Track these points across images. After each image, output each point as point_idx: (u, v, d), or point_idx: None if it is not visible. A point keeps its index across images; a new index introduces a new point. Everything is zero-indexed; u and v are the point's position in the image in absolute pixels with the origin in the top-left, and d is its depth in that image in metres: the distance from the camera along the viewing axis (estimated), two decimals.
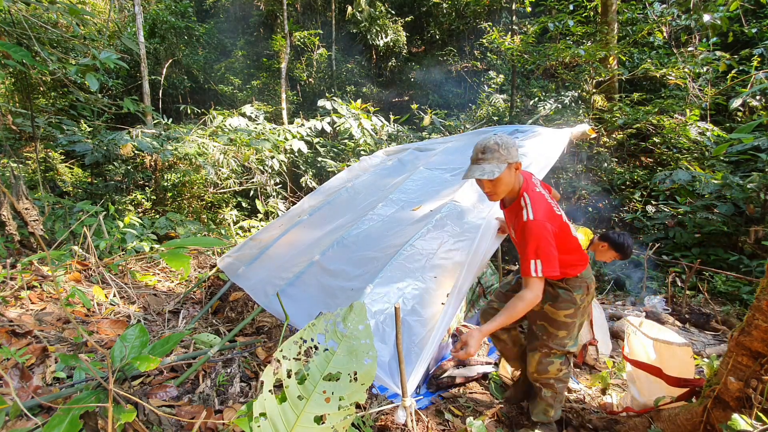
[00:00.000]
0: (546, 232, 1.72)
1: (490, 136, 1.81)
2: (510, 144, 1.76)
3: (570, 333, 1.95)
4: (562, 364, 1.97)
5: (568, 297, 1.92)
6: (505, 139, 1.77)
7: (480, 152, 1.78)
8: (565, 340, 1.95)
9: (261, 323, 2.92)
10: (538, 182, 2.00)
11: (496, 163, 1.74)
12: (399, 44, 13.91)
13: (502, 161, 1.74)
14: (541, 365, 1.98)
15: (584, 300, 1.96)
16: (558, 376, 1.98)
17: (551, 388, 2.01)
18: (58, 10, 3.30)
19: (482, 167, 1.76)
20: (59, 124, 6.12)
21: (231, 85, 13.65)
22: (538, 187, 1.92)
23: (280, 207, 7.44)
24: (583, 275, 1.95)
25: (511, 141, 1.77)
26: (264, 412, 1.12)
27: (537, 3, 8.77)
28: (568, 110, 7.82)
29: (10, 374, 1.77)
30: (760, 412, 1.46)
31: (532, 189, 1.85)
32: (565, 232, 1.88)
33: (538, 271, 1.69)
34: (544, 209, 1.79)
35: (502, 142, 1.75)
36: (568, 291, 1.92)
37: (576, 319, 1.95)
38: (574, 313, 1.93)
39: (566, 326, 1.94)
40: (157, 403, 1.85)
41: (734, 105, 4.59)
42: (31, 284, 2.98)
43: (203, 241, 2.32)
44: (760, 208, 5.02)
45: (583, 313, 1.99)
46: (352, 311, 1.28)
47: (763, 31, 7.15)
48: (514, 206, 1.88)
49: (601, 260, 3.17)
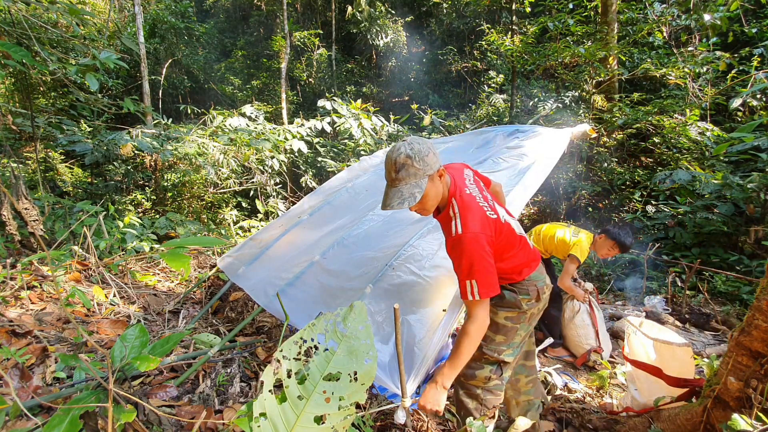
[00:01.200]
0: (478, 246, 1.48)
1: (400, 146, 1.51)
2: (424, 152, 1.49)
3: (509, 339, 1.71)
4: (492, 372, 1.70)
5: (512, 299, 1.71)
6: (417, 148, 1.49)
7: (393, 171, 1.51)
8: (502, 347, 1.70)
9: (261, 323, 2.92)
10: (469, 176, 1.73)
11: (414, 181, 1.49)
12: (399, 44, 13.91)
13: (420, 176, 1.49)
14: (469, 369, 1.72)
15: (532, 307, 1.72)
16: (486, 385, 1.71)
17: (476, 398, 1.73)
18: (58, 10, 3.29)
19: (400, 191, 1.50)
20: (59, 124, 6.12)
21: (231, 85, 13.66)
22: (468, 187, 1.65)
23: (280, 207, 7.44)
24: (532, 278, 1.72)
25: (425, 148, 1.50)
26: (264, 412, 1.12)
27: (537, 3, 8.76)
28: (568, 110, 7.82)
29: (10, 374, 1.77)
30: (760, 412, 1.46)
31: (460, 192, 1.60)
32: (506, 234, 1.64)
33: (474, 293, 1.47)
34: (474, 216, 1.53)
35: (414, 153, 1.48)
36: (513, 293, 1.72)
37: (518, 324, 1.71)
38: (516, 317, 1.71)
39: (505, 330, 1.71)
40: (157, 403, 1.85)
41: (734, 105, 4.59)
42: (31, 284, 2.98)
43: (203, 241, 2.32)
44: (760, 208, 5.02)
45: (529, 322, 1.75)
46: (352, 311, 1.28)
47: (763, 31, 7.15)
48: (444, 215, 1.64)
49: (601, 255, 3.14)
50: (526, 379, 1.96)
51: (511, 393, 1.97)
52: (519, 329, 1.72)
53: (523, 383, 1.96)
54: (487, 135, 3.43)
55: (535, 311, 1.76)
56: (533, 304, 1.72)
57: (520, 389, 1.96)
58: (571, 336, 3.26)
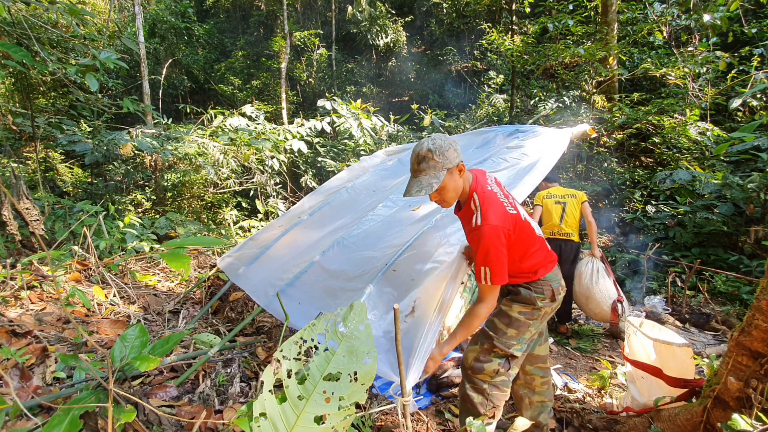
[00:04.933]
0: (495, 238, 1.58)
1: (424, 141, 1.66)
2: (445, 147, 1.62)
3: (520, 334, 1.75)
4: (501, 366, 1.74)
5: (528, 296, 1.77)
6: (439, 143, 1.62)
7: (416, 163, 1.65)
8: (512, 341, 1.74)
9: (261, 323, 2.92)
10: (491, 178, 1.83)
11: (433, 173, 1.62)
12: (399, 44, 13.92)
13: (439, 169, 1.62)
14: (478, 362, 1.77)
15: (546, 306, 1.78)
16: (493, 380, 1.74)
17: (482, 393, 1.75)
18: (58, 10, 3.30)
19: (419, 181, 1.63)
20: (59, 124, 6.12)
21: (231, 85, 13.66)
22: (489, 185, 1.75)
23: (280, 207, 7.44)
24: (548, 278, 1.79)
25: (446, 143, 1.63)
26: (264, 412, 1.12)
27: (537, 3, 8.76)
28: (569, 110, 7.82)
29: (10, 374, 1.77)
30: (760, 412, 1.46)
31: (482, 188, 1.70)
32: (526, 231, 1.72)
33: (487, 279, 1.59)
34: (495, 210, 1.63)
35: (435, 147, 1.61)
36: (529, 290, 1.78)
37: (531, 321, 1.76)
38: (530, 313, 1.77)
39: (518, 325, 1.76)
40: (157, 403, 1.85)
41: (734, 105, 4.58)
42: (31, 284, 2.98)
43: (203, 241, 2.32)
44: (760, 208, 5.02)
45: (541, 320, 1.80)
46: (352, 311, 1.28)
47: (763, 31, 7.15)
48: (465, 210, 1.75)
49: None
50: (541, 380, 1.99)
51: (525, 391, 1.99)
52: (531, 325, 1.77)
53: (538, 383, 1.99)
54: (487, 135, 3.43)
55: (549, 310, 1.81)
56: (547, 303, 1.78)
57: (535, 389, 1.98)
58: (595, 297, 3.49)
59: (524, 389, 1.99)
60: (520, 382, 1.99)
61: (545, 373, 1.99)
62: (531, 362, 1.95)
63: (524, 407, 1.99)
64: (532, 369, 1.96)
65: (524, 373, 1.97)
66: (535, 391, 1.98)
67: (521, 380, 1.98)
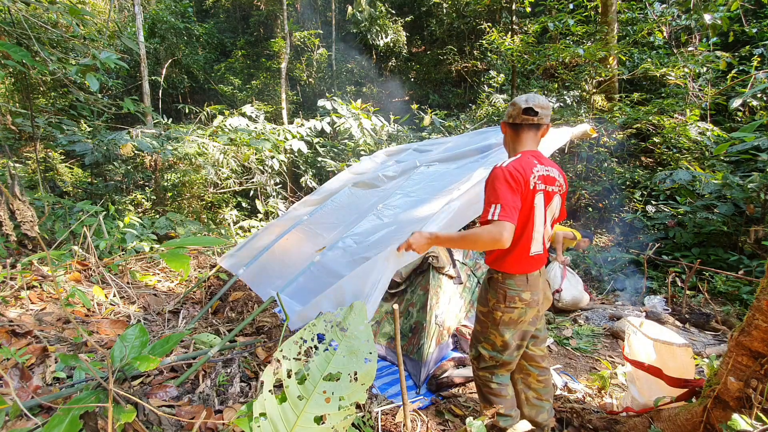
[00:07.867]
0: (505, 178, 1.62)
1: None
2: (512, 103, 1.82)
3: (484, 331, 1.83)
4: (476, 360, 1.91)
5: (513, 293, 1.76)
6: (515, 99, 1.82)
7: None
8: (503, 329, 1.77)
9: (261, 323, 2.92)
10: (546, 162, 1.84)
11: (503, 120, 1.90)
12: (399, 44, 13.91)
13: (504, 119, 1.87)
14: (473, 347, 1.94)
15: (533, 304, 1.77)
16: (476, 367, 1.92)
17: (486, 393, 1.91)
18: (58, 10, 3.30)
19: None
20: (59, 124, 6.11)
21: (231, 85, 13.66)
22: (537, 162, 1.77)
23: (280, 207, 7.44)
24: (530, 280, 1.77)
25: (518, 101, 1.78)
26: (264, 412, 1.12)
27: (537, 3, 8.76)
28: (569, 110, 7.82)
29: (10, 374, 1.77)
30: (760, 412, 1.46)
31: (531, 155, 1.77)
32: (531, 210, 1.72)
33: (495, 214, 1.56)
34: (519, 161, 1.69)
35: (510, 102, 1.85)
36: (514, 282, 1.77)
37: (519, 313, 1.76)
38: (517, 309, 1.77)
39: (505, 323, 1.77)
40: (157, 403, 1.85)
41: (734, 105, 4.58)
42: (31, 284, 2.98)
43: (203, 240, 2.32)
44: (760, 208, 5.02)
45: (530, 321, 1.81)
46: (352, 311, 1.28)
47: (763, 30, 7.15)
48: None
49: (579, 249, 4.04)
50: (538, 377, 2.01)
51: (522, 386, 2.02)
52: (522, 318, 1.79)
53: (534, 380, 2.01)
54: (487, 135, 3.43)
55: (535, 313, 1.81)
56: (532, 300, 1.79)
57: (530, 384, 2.01)
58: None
59: (521, 385, 2.03)
60: (518, 376, 2.02)
61: (541, 372, 2.01)
62: (527, 360, 1.98)
63: (522, 403, 2.02)
64: (529, 366, 1.99)
65: (520, 370, 2.00)
66: (530, 387, 2.01)
67: (519, 375, 2.02)
